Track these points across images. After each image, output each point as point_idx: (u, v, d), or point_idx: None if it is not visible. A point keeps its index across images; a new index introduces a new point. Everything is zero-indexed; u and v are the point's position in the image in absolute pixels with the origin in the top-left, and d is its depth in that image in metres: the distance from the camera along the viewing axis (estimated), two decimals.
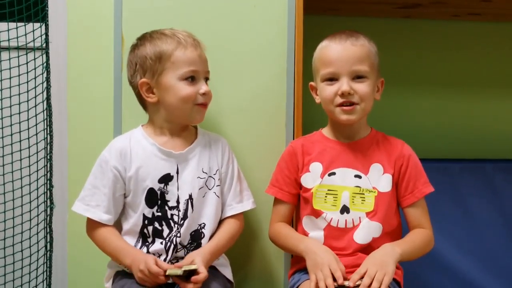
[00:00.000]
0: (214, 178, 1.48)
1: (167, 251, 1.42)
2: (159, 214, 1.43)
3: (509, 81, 1.99)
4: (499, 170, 1.84)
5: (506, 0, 1.73)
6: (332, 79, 1.41)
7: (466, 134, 1.97)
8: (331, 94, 1.41)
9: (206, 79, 1.48)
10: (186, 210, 1.44)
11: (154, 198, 1.44)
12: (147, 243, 1.43)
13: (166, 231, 1.43)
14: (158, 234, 1.43)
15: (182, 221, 1.44)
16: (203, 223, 1.45)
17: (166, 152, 1.45)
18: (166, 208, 1.44)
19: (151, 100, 1.45)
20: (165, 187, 1.44)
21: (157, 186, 1.43)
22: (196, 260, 1.34)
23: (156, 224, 1.43)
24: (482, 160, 1.92)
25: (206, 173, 1.47)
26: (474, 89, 1.98)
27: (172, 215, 1.44)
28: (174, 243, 1.42)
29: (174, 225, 1.43)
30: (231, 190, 1.50)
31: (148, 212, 1.43)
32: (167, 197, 1.44)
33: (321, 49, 1.44)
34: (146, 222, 1.44)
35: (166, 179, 1.44)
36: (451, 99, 1.97)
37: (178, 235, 1.43)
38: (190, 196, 1.44)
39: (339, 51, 1.40)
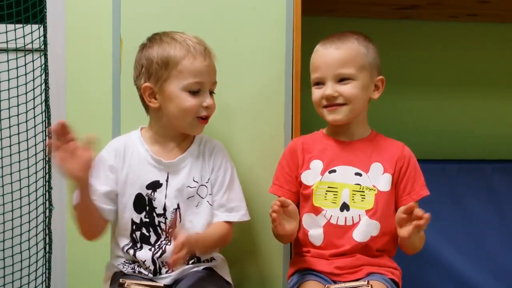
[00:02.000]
0: (206, 187, 1.45)
1: (153, 256, 1.41)
2: (147, 220, 1.42)
3: (507, 82, 2.00)
4: (497, 171, 1.84)
5: (503, 1, 1.74)
6: (319, 83, 1.45)
7: (464, 135, 1.98)
8: (318, 97, 1.45)
9: (211, 91, 1.45)
10: (174, 220, 1.42)
11: (142, 204, 1.42)
12: (135, 248, 1.43)
13: (153, 238, 1.42)
14: (145, 240, 1.42)
15: (170, 230, 1.42)
16: (197, 232, 1.42)
17: (157, 159, 1.44)
18: (154, 214, 1.42)
19: (152, 106, 1.43)
20: (152, 194, 1.42)
21: (145, 192, 1.42)
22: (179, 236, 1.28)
23: (144, 230, 1.42)
24: (480, 160, 1.91)
25: (197, 182, 1.44)
26: (472, 90, 1.98)
27: (159, 222, 1.42)
28: (163, 249, 1.41)
29: (162, 233, 1.42)
30: (217, 199, 1.46)
31: (136, 217, 1.43)
32: (154, 204, 1.42)
33: (312, 54, 1.49)
34: (134, 227, 1.43)
35: (154, 186, 1.43)
36: (449, 100, 1.97)
37: (169, 243, 1.41)
38: (178, 205, 1.43)
39: (323, 56, 1.44)
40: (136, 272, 1.42)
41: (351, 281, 1.38)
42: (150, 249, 1.42)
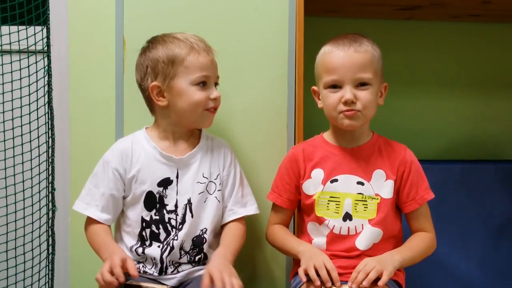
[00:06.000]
0: (215, 183, 1.48)
1: (162, 254, 1.42)
2: (157, 217, 1.44)
3: (510, 82, 2.00)
4: (500, 171, 1.84)
5: (505, 1, 1.74)
6: (335, 86, 1.40)
7: (468, 135, 1.98)
8: (334, 102, 1.40)
9: (216, 84, 1.48)
10: (184, 215, 1.44)
11: (153, 201, 1.44)
12: (144, 246, 1.44)
13: (163, 235, 1.44)
14: (155, 237, 1.44)
15: (180, 226, 1.44)
16: (205, 228, 1.46)
17: (167, 156, 1.45)
18: (164, 212, 1.44)
19: (161, 104, 1.44)
20: (164, 191, 1.44)
21: (156, 189, 1.44)
22: (213, 273, 1.30)
23: (153, 227, 1.44)
24: (482, 161, 1.92)
25: (206, 178, 1.47)
26: (475, 90, 1.98)
27: (170, 219, 1.44)
28: (171, 245, 1.43)
29: (172, 229, 1.44)
30: (233, 195, 1.50)
31: (146, 215, 1.44)
32: (166, 201, 1.44)
33: (324, 55, 1.43)
34: (144, 224, 1.44)
35: (165, 183, 1.44)
36: (451, 100, 1.97)
37: (176, 238, 1.43)
38: (189, 201, 1.44)
39: (342, 58, 1.38)
40: (141, 271, 1.42)
41: None
42: (158, 246, 1.42)
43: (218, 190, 1.48)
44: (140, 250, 1.43)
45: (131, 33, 1.63)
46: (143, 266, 1.43)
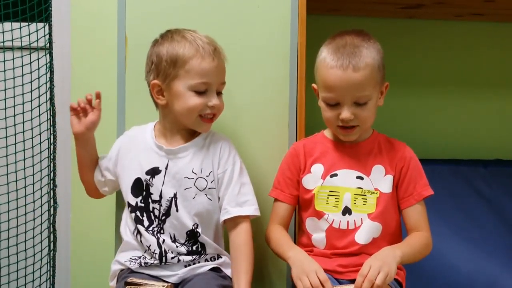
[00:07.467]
0: (206, 180, 1.45)
1: (157, 240, 1.42)
2: (142, 204, 1.44)
3: None
4: (500, 171, 1.84)
5: (509, 1, 1.73)
6: (333, 103, 1.39)
7: (472, 135, 1.97)
8: (332, 117, 1.40)
9: (219, 91, 1.46)
10: (169, 208, 1.43)
11: (140, 188, 1.45)
12: (138, 230, 1.45)
13: (146, 222, 1.44)
14: (139, 222, 1.44)
15: (163, 217, 1.43)
16: (196, 223, 1.44)
17: (158, 145, 1.46)
18: (150, 200, 1.44)
19: (160, 102, 1.45)
20: (150, 180, 1.44)
21: (144, 177, 1.45)
22: None
23: (138, 213, 1.45)
24: (482, 161, 1.91)
25: (195, 173, 1.45)
26: (477, 89, 1.98)
27: (154, 208, 1.44)
28: (162, 239, 1.42)
29: (155, 219, 1.44)
30: (227, 193, 1.46)
31: (132, 200, 1.45)
32: (151, 189, 1.44)
33: (323, 66, 1.39)
34: (130, 209, 1.45)
35: (153, 172, 1.45)
36: (454, 100, 1.97)
37: (162, 231, 1.43)
38: (175, 195, 1.44)
39: (340, 78, 1.35)
40: (143, 264, 1.42)
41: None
42: (146, 230, 1.43)
43: (210, 188, 1.46)
44: (139, 237, 1.44)
45: (133, 30, 1.62)
46: (143, 258, 1.43)
